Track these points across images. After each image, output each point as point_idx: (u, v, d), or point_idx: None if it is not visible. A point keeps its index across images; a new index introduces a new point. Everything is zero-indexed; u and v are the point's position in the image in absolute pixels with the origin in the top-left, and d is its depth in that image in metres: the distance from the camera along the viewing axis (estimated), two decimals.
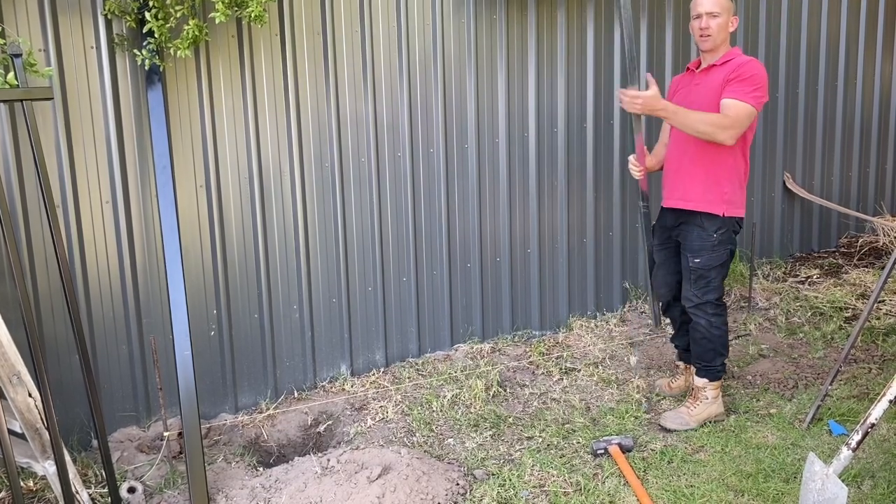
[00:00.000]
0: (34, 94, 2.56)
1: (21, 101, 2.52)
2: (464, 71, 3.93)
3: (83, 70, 3.09)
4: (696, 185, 3.18)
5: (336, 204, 3.71)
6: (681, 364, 3.65)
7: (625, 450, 3.08)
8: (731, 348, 4.08)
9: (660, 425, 3.33)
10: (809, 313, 4.40)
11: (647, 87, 2.98)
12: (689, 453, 3.10)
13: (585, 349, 4.14)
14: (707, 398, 3.33)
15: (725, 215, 3.16)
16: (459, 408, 3.55)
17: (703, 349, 3.31)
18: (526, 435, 3.31)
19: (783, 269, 5.04)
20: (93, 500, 2.86)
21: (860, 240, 5.38)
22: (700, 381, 3.34)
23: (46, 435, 2.62)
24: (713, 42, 3.10)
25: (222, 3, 2.99)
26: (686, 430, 3.27)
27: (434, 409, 3.54)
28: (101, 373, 3.28)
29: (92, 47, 3.09)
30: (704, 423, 3.31)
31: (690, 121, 2.99)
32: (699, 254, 3.21)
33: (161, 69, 3.15)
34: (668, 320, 3.80)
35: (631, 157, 3.41)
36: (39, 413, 2.62)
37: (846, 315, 4.34)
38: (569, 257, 4.39)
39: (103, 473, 2.88)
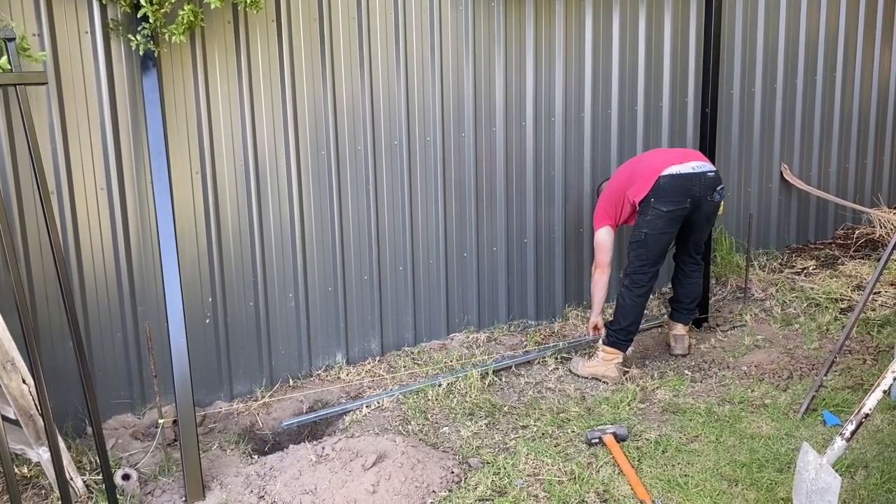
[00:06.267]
0: (28, 78, 2.54)
1: (14, 85, 2.49)
2: (461, 59, 3.91)
3: (77, 55, 3.06)
4: None
5: (332, 192, 3.70)
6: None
7: (619, 439, 3.09)
8: (726, 338, 4.12)
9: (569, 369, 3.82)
10: (805, 304, 4.40)
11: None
12: (684, 443, 3.11)
13: (581, 338, 4.14)
14: (598, 357, 3.74)
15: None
16: (455, 396, 3.55)
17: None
18: (521, 424, 3.31)
19: (779, 260, 5.04)
20: (87, 486, 2.86)
21: (857, 231, 5.38)
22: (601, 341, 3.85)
23: (40, 421, 2.62)
24: None
25: None
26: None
27: (429, 397, 3.54)
28: (96, 360, 3.27)
29: (86, 32, 3.06)
30: (593, 378, 3.72)
31: (597, 291, 3.88)
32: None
33: (156, 55, 3.13)
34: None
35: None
36: (33, 399, 2.62)
37: (841, 306, 4.34)
38: (565, 247, 4.38)
39: (97, 460, 2.88)
